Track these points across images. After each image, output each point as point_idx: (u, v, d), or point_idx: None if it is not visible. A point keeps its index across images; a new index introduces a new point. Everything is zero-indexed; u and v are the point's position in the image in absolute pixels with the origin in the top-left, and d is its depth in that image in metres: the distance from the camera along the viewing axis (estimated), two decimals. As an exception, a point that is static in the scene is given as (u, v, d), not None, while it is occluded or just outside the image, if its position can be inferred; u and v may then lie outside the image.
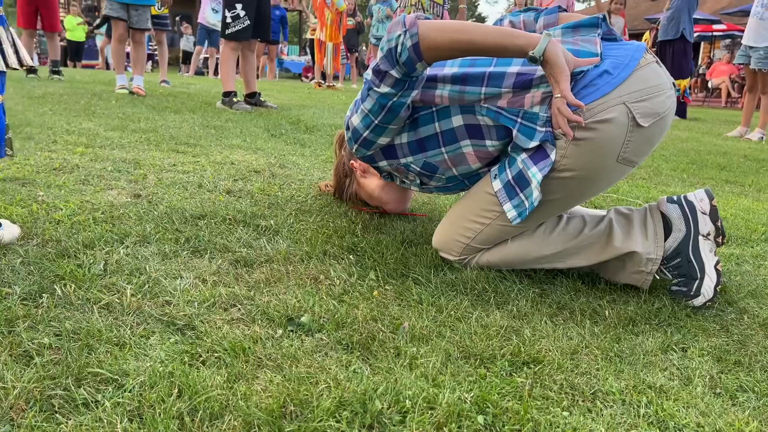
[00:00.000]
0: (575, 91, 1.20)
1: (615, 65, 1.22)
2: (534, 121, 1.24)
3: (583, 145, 1.21)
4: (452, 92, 1.30)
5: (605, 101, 1.19)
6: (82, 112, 3.11)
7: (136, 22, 4.39)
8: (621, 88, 1.20)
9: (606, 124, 1.20)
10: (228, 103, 4.12)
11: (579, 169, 1.24)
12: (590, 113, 1.19)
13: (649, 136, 1.24)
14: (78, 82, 5.15)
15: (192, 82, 6.99)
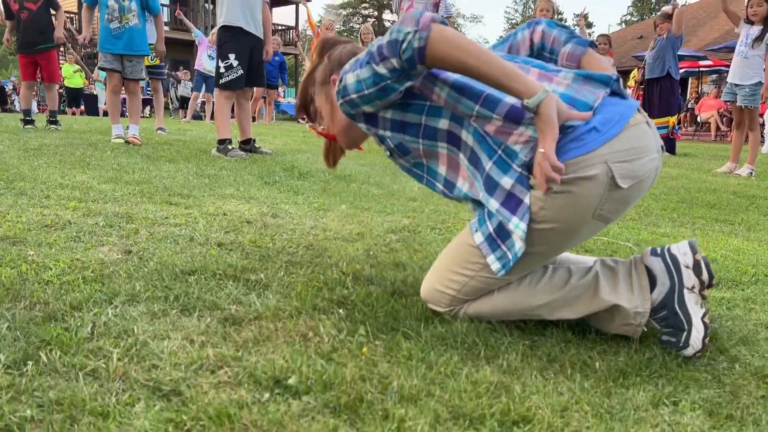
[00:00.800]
0: (562, 143, 1.21)
1: (604, 122, 1.23)
2: (512, 158, 1.26)
3: (562, 198, 1.22)
4: (449, 97, 1.30)
5: (589, 158, 1.20)
6: (76, 164, 3.13)
7: (130, 72, 4.46)
8: (606, 146, 1.21)
9: (586, 181, 1.21)
10: (223, 151, 4.16)
11: (557, 221, 1.25)
12: (573, 168, 1.20)
13: (625, 197, 1.25)
14: (75, 131, 5.20)
15: (188, 129, 7.06)
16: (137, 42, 4.42)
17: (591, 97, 1.27)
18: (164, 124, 5.99)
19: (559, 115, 1.19)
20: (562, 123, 1.21)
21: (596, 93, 1.29)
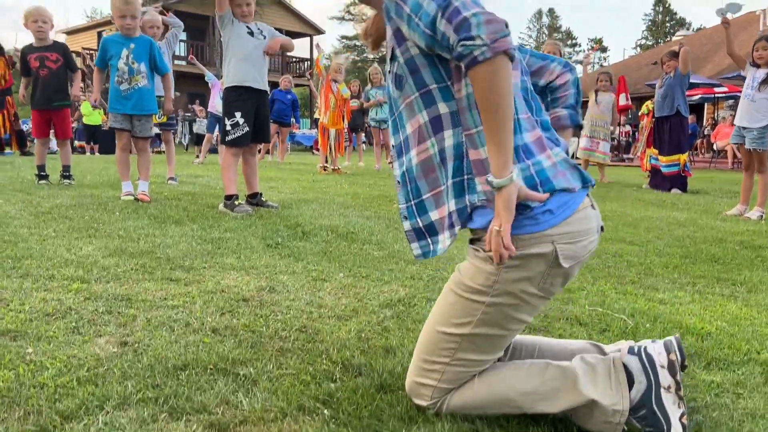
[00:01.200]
0: (518, 218, 1.30)
1: (558, 205, 1.32)
2: (470, 192, 1.35)
3: (512, 272, 1.32)
4: (467, 99, 1.33)
5: (539, 237, 1.31)
6: (84, 232, 3.22)
7: (140, 131, 4.59)
8: (556, 228, 1.31)
9: (533, 258, 1.31)
10: (229, 207, 4.24)
11: (508, 293, 1.34)
12: (524, 243, 1.30)
13: (566, 274, 1.37)
14: (86, 186, 5.33)
15: (200, 174, 7.20)
16: (146, 102, 4.56)
17: (563, 183, 1.35)
18: (175, 173, 6.11)
19: (519, 194, 1.27)
20: (521, 200, 1.29)
21: (572, 184, 1.37)
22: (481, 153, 1.33)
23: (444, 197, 1.39)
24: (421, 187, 1.43)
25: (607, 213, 5.10)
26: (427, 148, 1.39)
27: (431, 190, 1.42)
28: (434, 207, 1.42)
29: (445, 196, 1.39)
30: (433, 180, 1.41)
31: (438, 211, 1.41)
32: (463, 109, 1.34)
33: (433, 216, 1.42)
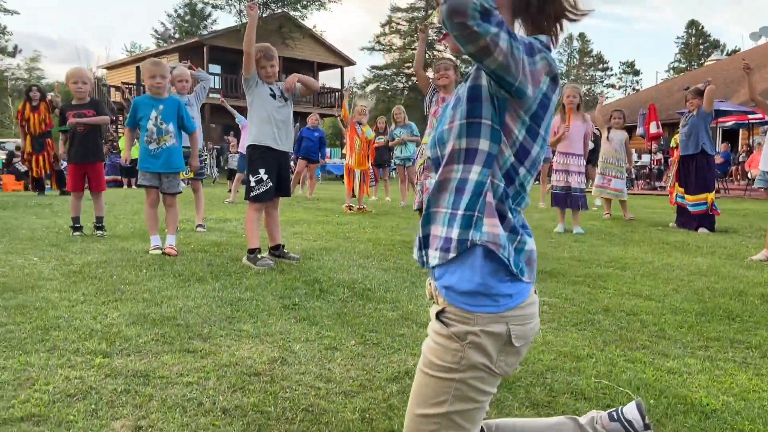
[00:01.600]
0: (482, 298, 1.42)
1: (517, 292, 1.45)
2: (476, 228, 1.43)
3: (474, 349, 1.43)
4: (508, 158, 1.43)
5: (497, 317, 1.42)
6: (111, 295, 3.37)
7: (168, 188, 4.79)
8: (511, 311, 1.43)
9: (490, 336, 1.42)
10: (252, 260, 4.37)
11: (472, 369, 1.44)
12: (483, 321, 1.42)
13: (518, 353, 1.48)
14: (117, 237, 5.54)
15: (229, 218, 7.38)
16: (174, 160, 4.76)
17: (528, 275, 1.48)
18: (203, 220, 6.31)
19: None
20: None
21: (533, 278, 1.51)
22: (493, 203, 1.43)
23: (443, 219, 1.47)
24: (431, 201, 1.52)
25: (627, 260, 5.08)
26: (451, 171, 1.46)
27: (436, 206, 1.50)
28: (434, 223, 1.50)
29: (443, 219, 1.47)
30: (441, 199, 1.48)
31: (433, 227, 1.50)
32: (498, 165, 1.43)
33: (432, 230, 1.51)
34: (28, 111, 10.12)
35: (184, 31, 44.81)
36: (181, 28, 45.74)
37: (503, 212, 1.44)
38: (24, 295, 3.29)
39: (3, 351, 2.46)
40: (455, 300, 1.41)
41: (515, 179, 1.44)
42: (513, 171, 1.43)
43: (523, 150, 1.42)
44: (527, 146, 1.42)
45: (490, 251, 1.40)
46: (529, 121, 1.40)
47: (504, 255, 1.41)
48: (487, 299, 1.41)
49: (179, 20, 46.32)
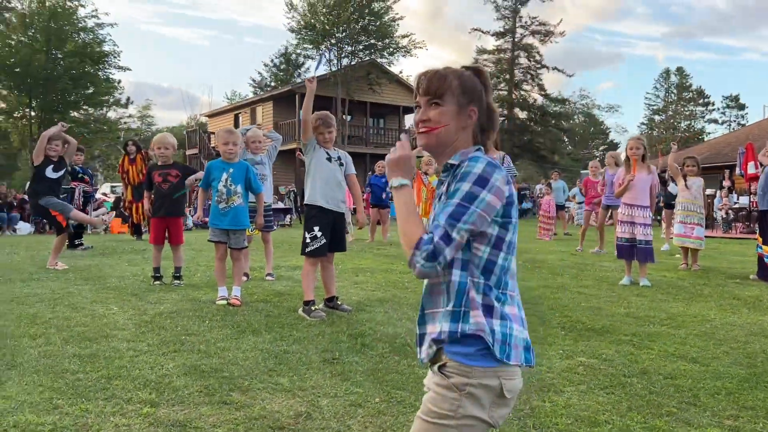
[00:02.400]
0: (481, 353, 1.62)
1: (514, 354, 1.66)
2: (464, 321, 1.64)
3: (470, 399, 1.61)
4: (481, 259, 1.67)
5: (492, 371, 1.62)
6: (171, 346, 3.75)
7: (234, 243, 5.24)
8: (503, 366, 1.63)
9: (484, 388, 1.62)
10: (307, 312, 4.69)
11: (469, 417, 1.61)
12: (479, 374, 1.61)
13: (506, 404, 1.66)
14: (192, 287, 6.04)
15: (300, 265, 7.77)
16: (240, 219, 5.23)
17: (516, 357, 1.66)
18: (272, 269, 6.73)
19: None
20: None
21: (521, 359, 1.68)
22: (477, 297, 1.65)
23: (440, 319, 1.68)
24: (425, 304, 1.73)
25: (686, 318, 4.97)
26: (437, 276, 1.69)
27: (430, 308, 1.71)
28: (430, 323, 1.70)
29: (441, 318, 1.68)
30: (434, 301, 1.70)
31: (430, 326, 1.70)
32: (473, 263, 1.66)
33: (428, 329, 1.71)
34: (126, 163, 11.17)
35: (278, 80, 47.30)
36: (276, 76, 48.32)
37: (488, 303, 1.66)
38: (97, 345, 3.73)
39: (69, 398, 2.85)
40: (455, 356, 1.62)
41: (494, 268, 1.68)
42: (491, 264, 1.67)
43: (498, 240, 1.66)
44: (502, 236, 1.67)
45: (479, 337, 1.61)
46: (501, 220, 1.66)
47: (489, 341, 1.61)
48: (487, 354, 1.62)
49: (275, 69, 48.99)
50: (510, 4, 40.98)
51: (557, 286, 6.57)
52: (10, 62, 29.17)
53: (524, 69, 42.35)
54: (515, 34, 41.40)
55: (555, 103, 43.70)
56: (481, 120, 1.81)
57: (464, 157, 1.73)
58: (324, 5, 31.66)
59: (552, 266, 8.35)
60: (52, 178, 7.18)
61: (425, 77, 1.82)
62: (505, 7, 41.11)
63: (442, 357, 1.66)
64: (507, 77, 41.89)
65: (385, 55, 33.31)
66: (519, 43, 41.57)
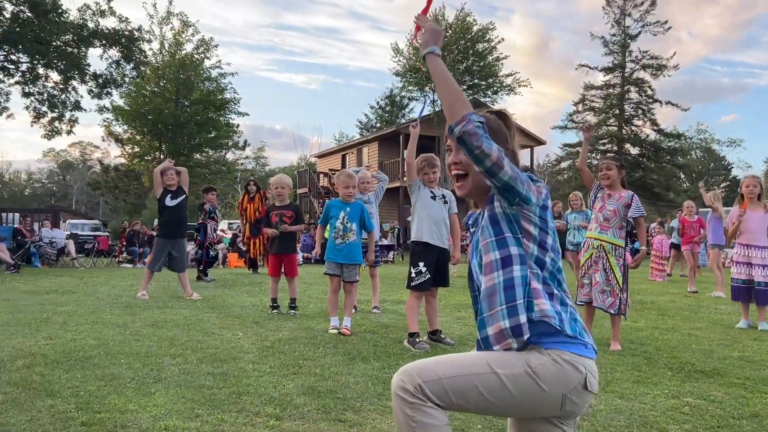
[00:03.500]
0: (573, 340, 1.82)
1: (592, 346, 1.87)
2: (531, 309, 1.82)
3: (555, 368, 1.76)
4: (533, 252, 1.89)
5: (581, 360, 1.80)
6: (290, 368, 4.12)
7: (347, 276, 5.63)
8: (591, 361, 1.82)
9: (574, 370, 1.77)
10: (411, 343, 4.94)
11: (541, 380, 1.75)
12: (570, 358, 1.78)
13: (584, 400, 1.80)
14: (306, 316, 6.49)
15: (404, 299, 8.06)
16: (354, 254, 5.65)
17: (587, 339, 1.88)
18: (379, 302, 7.07)
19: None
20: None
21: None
22: (538, 285, 1.85)
23: (501, 315, 1.84)
24: (483, 308, 1.90)
25: None
26: (493, 278, 1.88)
27: (490, 310, 1.88)
28: (491, 324, 1.86)
29: (501, 315, 1.84)
30: (493, 302, 1.87)
31: (492, 327, 1.85)
32: (529, 255, 1.88)
33: (489, 332, 1.86)
34: (246, 201, 12.05)
35: (384, 121, 48.76)
36: (382, 118, 49.84)
37: (549, 291, 1.86)
38: (227, 365, 4.17)
39: (207, 408, 3.25)
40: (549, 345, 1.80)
41: (545, 265, 1.88)
42: (540, 260, 1.87)
43: (542, 242, 1.88)
44: (544, 239, 1.88)
45: (545, 323, 1.80)
46: (539, 221, 1.86)
47: (555, 324, 1.80)
48: (577, 342, 1.82)
49: (380, 111, 50.58)
50: (619, 39, 40.08)
51: (667, 327, 6.41)
52: (144, 110, 32.18)
53: (635, 104, 41.00)
54: (625, 69, 40.33)
55: (669, 138, 41.82)
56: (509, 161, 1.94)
57: None
58: (429, 48, 32.48)
59: (663, 308, 8.10)
60: (171, 206, 8.04)
61: None
62: (614, 42, 40.25)
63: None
64: (616, 112, 40.72)
65: (488, 94, 33.57)
66: (629, 77, 40.41)
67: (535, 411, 1.80)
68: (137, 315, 6.29)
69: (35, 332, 5.18)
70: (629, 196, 5.26)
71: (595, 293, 5.19)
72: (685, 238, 11.56)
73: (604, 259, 5.18)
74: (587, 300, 5.26)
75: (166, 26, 32.87)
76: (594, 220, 5.37)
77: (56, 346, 4.60)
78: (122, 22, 25.47)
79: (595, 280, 5.21)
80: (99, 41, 25.18)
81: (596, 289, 5.19)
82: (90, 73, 25.87)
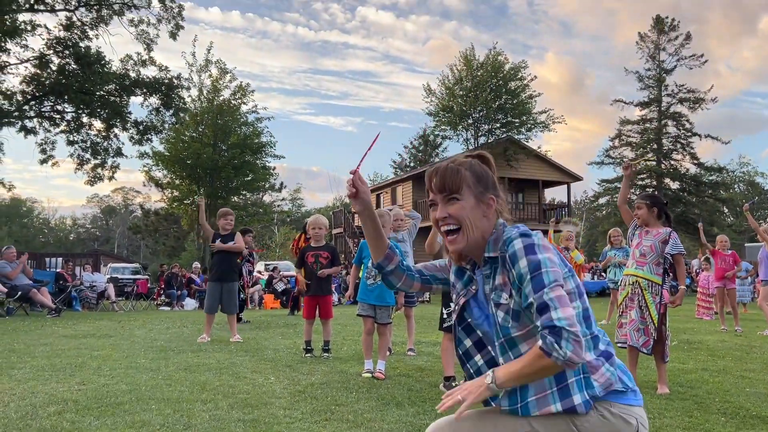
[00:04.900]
0: (626, 392, 1.69)
1: (639, 394, 1.73)
2: (589, 388, 1.66)
3: (604, 422, 1.63)
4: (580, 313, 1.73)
5: (634, 411, 1.67)
6: (322, 414, 4.00)
7: (380, 318, 5.51)
8: (639, 409, 1.69)
9: (625, 423, 1.64)
10: (447, 387, 4.77)
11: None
12: (622, 410, 1.65)
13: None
14: (339, 359, 6.37)
15: (440, 341, 7.88)
16: (385, 295, 5.53)
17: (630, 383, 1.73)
18: (413, 344, 6.90)
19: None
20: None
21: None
22: (590, 357, 1.68)
23: (549, 399, 1.67)
24: (528, 391, 1.69)
25: None
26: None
27: (537, 393, 1.69)
28: (539, 407, 1.67)
29: (550, 397, 1.67)
30: (540, 385, 1.69)
31: (540, 411, 1.66)
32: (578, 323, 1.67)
33: (532, 409, 1.67)
34: (302, 241, 12.08)
35: (417, 160, 48.95)
36: (415, 157, 50.06)
37: (604, 350, 1.71)
38: (258, 411, 4.07)
39: (236, 457, 3.16)
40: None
41: (590, 314, 1.74)
42: (586, 312, 1.73)
43: (578, 289, 1.73)
44: (576, 283, 1.74)
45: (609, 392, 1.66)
46: (567, 272, 1.72)
47: (619, 388, 1.67)
48: (629, 393, 1.70)
49: (414, 150, 50.84)
50: (654, 74, 39.75)
51: (717, 369, 6.08)
52: (183, 155, 32.97)
53: (673, 138, 40.35)
54: (661, 103, 39.85)
55: (710, 172, 40.88)
56: (500, 207, 1.80)
57: (497, 244, 1.73)
58: (461, 88, 32.72)
59: (712, 348, 7.73)
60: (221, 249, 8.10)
61: (436, 174, 1.79)
62: (649, 76, 39.92)
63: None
64: (654, 147, 40.09)
65: (522, 131, 33.45)
66: (666, 111, 39.89)
67: None
68: (171, 359, 6.27)
69: (69, 377, 5.18)
70: (667, 233, 5.09)
71: (630, 331, 4.98)
72: (718, 273, 11.01)
73: (640, 296, 4.99)
74: (626, 341, 5.03)
75: (204, 74, 33.88)
76: (631, 256, 5.21)
77: (88, 392, 4.58)
78: (162, 71, 26.39)
79: (631, 318, 5.01)
80: (140, 90, 26.10)
81: (632, 327, 4.98)
82: (131, 120, 26.77)
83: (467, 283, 1.90)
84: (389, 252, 2.07)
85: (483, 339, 1.87)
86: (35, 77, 24.53)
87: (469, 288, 1.88)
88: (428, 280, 2.10)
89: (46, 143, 26.07)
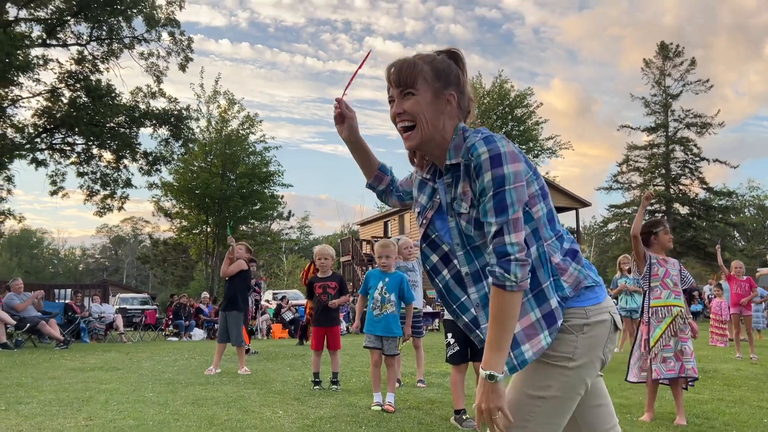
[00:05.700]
0: (581, 293, 1.67)
1: (602, 285, 1.72)
2: (559, 289, 1.65)
3: (587, 339, 1.62)
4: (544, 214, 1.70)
5: (600, 307, 1.66)
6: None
7: (387, 349, 5.44)
8: (606, 300, 1.69)
9: (600, 324, 1.64)
10: (458, 421, 4.69)
11: (586, 357, 1.62)
12: (592, 313, 1.64)
13: (614, 339, 1.68)
14: (348, 392, 6.29)
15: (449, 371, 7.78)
16: (392, 326, 5.47)
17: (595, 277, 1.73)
18: (423, 375, 6.82)
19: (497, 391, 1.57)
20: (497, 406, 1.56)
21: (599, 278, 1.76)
22: (558, 258, 1.67)
23: (527, 306, 1.62)
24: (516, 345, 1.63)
25: None
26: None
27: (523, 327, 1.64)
28: (537, 306, 1.64)
29: (528, 305, 1.62)
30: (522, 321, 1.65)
31: (521, 322, 1.61)
32: (541, 225, 1.66)
33: (515, 329, 1.61)
34: (312, 271, 12.07)
35: (425, 187, 48.90)
36: (423, 184, 50.02)
37: (570, 248, 1.70)
38: (266, 447, 4.02)
39: (243, 496, 3.10)
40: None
41: (553, 216, 1.72)
42: (551, 213, 1.71)
43: (542, 191, 1.69)
44: (541, 184, 1.69)
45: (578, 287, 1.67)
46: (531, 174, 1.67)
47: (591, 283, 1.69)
48: (589, 293, 1.69)
49: (422, 178, 50.83)
50: (660, 99, 39.88)
51: (734, 399, 5.96)
52: (191, 185, 33.19)
53: (681, 162, 40.31)
54: (668, 128, 39.90)
55: (719, 197, 40.70)
56: (461, 105, 1.71)
57: (459, 151, 1.65)
58: (468, 115, 32.94)
59: (727, 376, 7.59)
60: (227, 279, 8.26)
61: (395, 68, 1.69)
62: (655, 102, 40.05)
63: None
64: (662, 172, 40.03)
65: (530, 157, 33.54)
66: (673, 136, 39.92)
67: (586, 385, 1.67)
68: (179, 392, 6.21)
69: (77, 412, 5.13)
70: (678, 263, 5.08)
71: (684, 363, 4.78)
72: (734, 299, 10.85)
73: (682, 325, 4.88)
74: (673, 375, 4.79)
75: (212, 104, 34.27)
76: (662, 285, 5.00)
77: (95, 428, 4.53)
78: (171, 102, 26.73)
79: (690, 349, 4.87)
80: (149, 121, 26.40)
81: (685, 359, 4.79)
82: (141, 151, 27.02)
83: (431, 195, 1.82)
84: (379, 173, 2.11)
85: (449, 253, 1.79)
86: (47, 110, 24.92)
87: (434, 199, 1.81)
88: (401, 197, 2.09)
89: (56, 175, 26.36)
